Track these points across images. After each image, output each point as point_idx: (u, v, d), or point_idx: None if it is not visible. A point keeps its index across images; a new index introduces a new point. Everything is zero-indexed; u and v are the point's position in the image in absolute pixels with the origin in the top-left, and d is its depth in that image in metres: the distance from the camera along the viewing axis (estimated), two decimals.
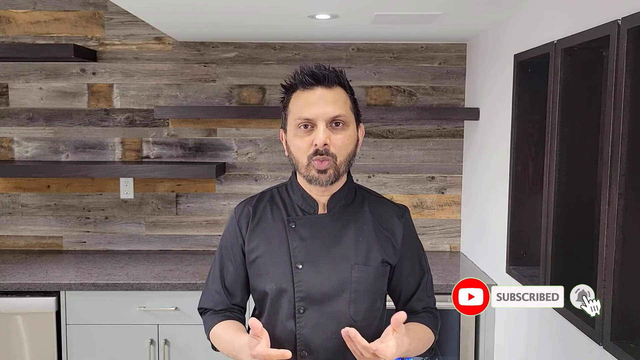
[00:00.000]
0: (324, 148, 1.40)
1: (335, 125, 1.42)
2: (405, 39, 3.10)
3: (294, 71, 1.46)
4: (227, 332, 1.52)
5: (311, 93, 1.43)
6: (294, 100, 1.45)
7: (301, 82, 1.44)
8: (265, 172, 3.25)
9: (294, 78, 1.46)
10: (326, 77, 1.43)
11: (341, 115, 1.42)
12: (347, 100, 1.46)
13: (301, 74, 1.44)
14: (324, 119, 1.40)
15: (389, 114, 3.07)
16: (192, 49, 3.17)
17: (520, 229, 2.42)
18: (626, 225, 1.58)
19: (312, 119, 1.40)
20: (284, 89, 1.49)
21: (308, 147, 1.41)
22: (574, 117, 1.96)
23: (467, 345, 2.69)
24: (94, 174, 3.00)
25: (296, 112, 1.43)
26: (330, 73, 1.44)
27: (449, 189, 3.28)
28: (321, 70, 1.44)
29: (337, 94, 1.44)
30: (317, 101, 1.41)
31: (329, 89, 1.43)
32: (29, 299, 2.63)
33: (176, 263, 3.00)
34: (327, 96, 1.42)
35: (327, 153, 1.40)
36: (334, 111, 1.41)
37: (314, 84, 1.43)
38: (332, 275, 1.46)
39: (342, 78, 1.46)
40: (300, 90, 1.44)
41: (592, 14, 1.75)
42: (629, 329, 1.60)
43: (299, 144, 1.43)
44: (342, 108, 1.43)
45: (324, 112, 1.40)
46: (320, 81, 1.43)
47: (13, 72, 3.16)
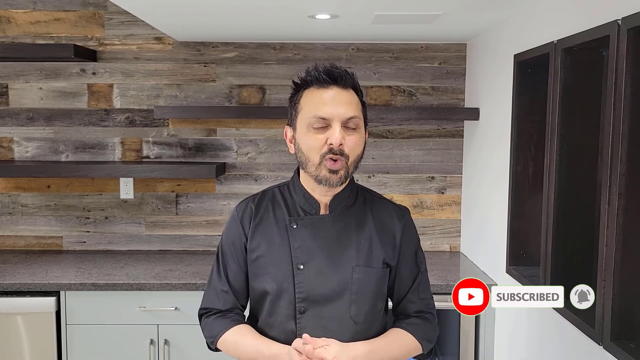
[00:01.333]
0: (339, 148, 1.39)
1: (347, 128, 1.41)
2: (405, 39, 3.10)
3: (308, 68, 1.45)
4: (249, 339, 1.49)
5: (326, 92, 1.42)
6: (306, 97, 1.44)
7: (317, 79, 1.42)
8: (265, 172, 3.25)
9: (308, 75, 1.44)
10: (343, 77, 1.42)
11: (355, 116, 1.42)
12: (358, 103, 1.46)
13: (317, 72, 1.43)
14: (340, 119, 1.39)
15: (389, 114, 3.07)
16: (192, 49, 3.17)
17: (520, 229, 2.41)
18: (626, 225, 1.58)
19: (327, 118, 1.39)
20: (295, 85, 1.48)
21: (321, 146, 1.40)
22: (574, 117, 1.96)
23: (467, 345, 2.69)
24: (94, 174, 2.99)
25: (310, 110, 1.41)
26: (346, 74, 1.43)
27: (449, 189, 3.28)
28: (338, 70, 1.43)
29: (351, 96, 1.44)
30: (333, 100, 1.40)
31: (344, 89, 1.43)
32: (29, 299, 2.63)
33: (176, 263, 3.00)
34: (342, 97, 1.42)
35: (342, 153, 1.39)
36: (349, 112, 1.41)
37: (330, 82, 1.42)
38: (333, 276, 1.46)
39: (355, 80, 1.46)
40: (315, 87, 1.43)
41: (592, 14, 1.75)
42: (629, 329, 1.60)
43: (311, 142, 1.41)
44: (355, 110, 1.43)
45: (340, 113, 1.40)
46: (337, 81, 1.42)
47: (13, 72, 3.16)
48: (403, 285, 1.56)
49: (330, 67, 1.43)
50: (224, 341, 1.52)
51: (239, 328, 1.52)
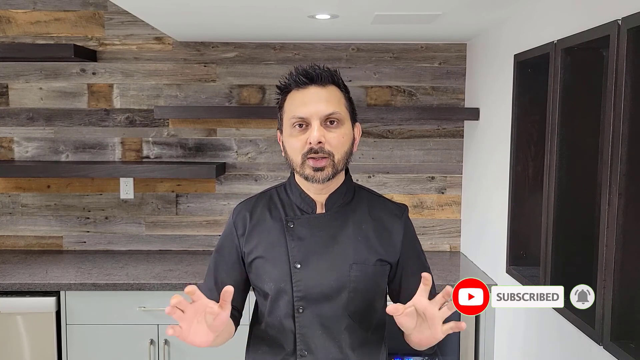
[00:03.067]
0: (319, 146, 1.40)
1: (329, 124, 1.42)
2: (405, 39, 3.10)
3: (288, 72, 1.47)
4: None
5: (305, 92, 1.43)
6: (288, 100, 1.46)
7: (295, 81, 1.44)
8: (265, 172, 3.25)
9: (288, 79, 1.46)
10: (319, 76, 1.43)
11: (335, 112, 1.42)
12: (341, 99, 1.46)
13: (295, 74, 1.45)
14: (318, 117, 1.40)
15: (389, 114, 3.07)
16: (192, 49, 3.17)
17: (520, 229, 2.41)
18: (626, 225, 1.58)
19: (306, 117, 1.41)
20: (279, 90, 1.50)
21: (302, 146, 1.41)
22: (574, 117, 1.96)
23: (467, 345, 2.69)
24: (94, 174, 2.99)
25: (290, 112, 1.43)
26: (323, 72, 1.44)
27: (449, 189, 3.28)
28: (315, 70, 1.44)
29: (331, 92, 1.44)
30: (311, 100, 1.42)
31: (322, 87, 1.44)
32: (29, 299, 2.63)
33: (176, 263, 3.00)
34: (321, 94, 1.43)
35: (323, 151, 1.40)
36: (328, 109, 1.41)
37: (307, 83, 1.43)
38: (331, 274, 1.46)
39: (335, 77, 1.47)
40: (295, 90, 1.45)
41: (592, 14, 1.75)
42: (629, 329, 1.60)
43: (293, 144, 1.43)
44: (336, 106, 1.43)
45: (318, 110, 1.41)
46: (314, 80, 1.43)
47: (13, 72, 3.16)
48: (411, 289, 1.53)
49: (308, 68, 1.45)
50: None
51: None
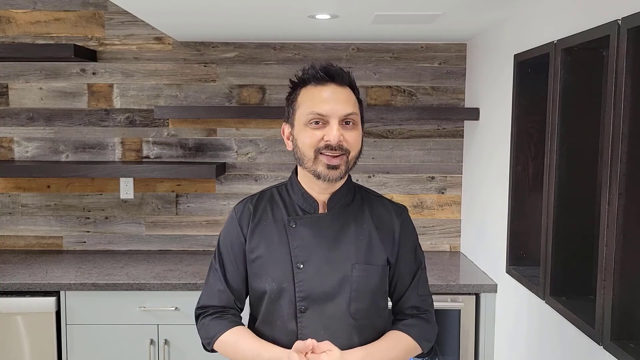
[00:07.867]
0: (339, 144, 1.40)
1: (345, 124, 1.42)
2: (405, 39, 3.10)
3: (305, 67, 1.47)
4: (248, 342, 1.48)
5: (323, 89, 1.43)
6: (304, 95, 1.45)
7: (314, 77, 1.44)
8: (265, 172, 3.25)
9: (305, 73, 1.46)
10: (340, 75, 1.44)
11: (352, 113, 1.43)
12: (355, 101, 1.47)
13: (314, 69, 1.44)
14: (337, 116, 1.41)
15: (389, 114, 3.07)
16: (192, 49, 3.17)
17: (520, 229, 2.41)
18: (626, 225, 1.58)
19: (325, 115, 1.41)
20: (292, 83, 1.49)
21: (317, 142, 1.41)
22: (574, 117, 1.96)
23: (467, 345, 2.69)
24: (94, 174, 2.99)
25: (308, 107, 1.42)
26: (342, 72, 1.45)
27: (449, 189, 3.28)
28: (334, 68, 1.45)
29: (348, 93, 1.46)
30: (330, 97, 1.42)
31: (341, 86, 1.44)
32: (29, 299, 2.63)
33: (176, 263, 3.00)
34: (340, 94, 1.43)
35: (341, 148, 1.41)
36: (347, 109, 1.42)
37: (327, 80, 1.43)
38: (333, 274, 1.46)
39: (352, 78, 1.48)
40: (312, 85, 1.45)
41: (592, 14, 1.76)
42: (629, 329, 1.60)
43: (307, 139, 1.42)
44: (353, 107, 1.44)
45: (338, 109, 1.41)
46: (334, 78, 1.44)
47: (13, 72, 3.16)
48: (402, 283, 1.56)
49: (327, 65, 1.45)
50: (221, 343, 1.51)
51: (237, 330, 1.52)
